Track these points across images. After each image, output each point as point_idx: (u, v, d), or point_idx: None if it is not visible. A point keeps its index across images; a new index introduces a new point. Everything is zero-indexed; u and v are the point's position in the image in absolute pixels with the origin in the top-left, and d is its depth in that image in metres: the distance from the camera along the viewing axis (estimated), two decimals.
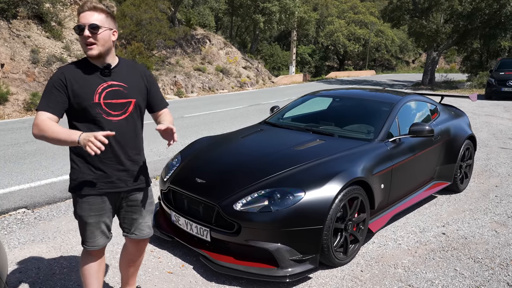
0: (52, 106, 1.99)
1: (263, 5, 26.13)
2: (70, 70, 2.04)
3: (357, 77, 34.97)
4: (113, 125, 2.07)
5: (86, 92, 2.02)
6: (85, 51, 2.02)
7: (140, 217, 2.31)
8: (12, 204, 4.49)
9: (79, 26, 1.97)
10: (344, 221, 3.14)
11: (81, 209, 2.13)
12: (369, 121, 4.15)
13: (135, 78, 2.19)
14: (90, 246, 2.21)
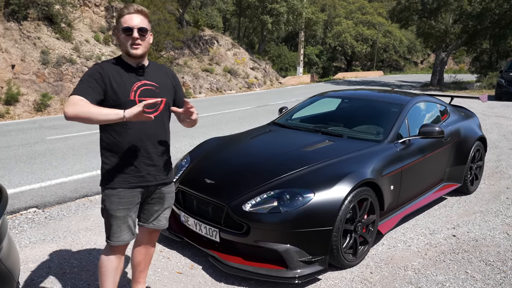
0: (89, 93, 2.01)
1: (271, 6, 26.14)
2: (109, 67, 2.12)
3: (365, 78, 34.82)
4: (146, 122, 2.14)
5: (124, 90, 2.10)
6: (128, 50, 2.11)
7: (161, 209, 2.40)
8: (23, 204, 4.54)
9: (128, 28, 2.07)
10: (354, 223, 3.13)
11: (111, 202, 2.18)
12: (378, 122, 4.13)
13: (164, 79, 2.30)
14: (115, 241, 2.24)
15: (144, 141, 2.19)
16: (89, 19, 17.53)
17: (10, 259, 1.80)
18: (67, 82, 13.99)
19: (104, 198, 2.21)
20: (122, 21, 2.10)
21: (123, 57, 2.19)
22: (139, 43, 2.10)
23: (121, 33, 2.11)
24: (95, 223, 4.01)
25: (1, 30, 13.19)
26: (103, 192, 2.23)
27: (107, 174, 2.18)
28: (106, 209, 2.20)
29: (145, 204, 2.36)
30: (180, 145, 7.45)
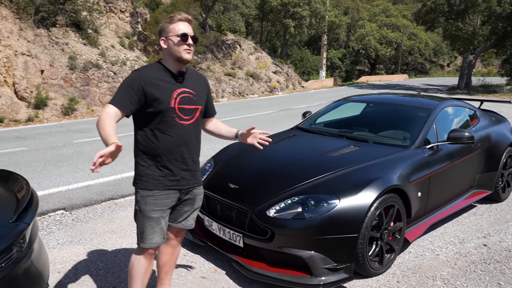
0: (122, 103, 2.08)
1: (293, 10, 26.13)
2: (149, 74, 2.17)
3: (389, 82, 34.30)
4: (183, 129, 2.23)
5: (164, 97, 2.15)
6: (181, 55, 2.18)
7: (191, 209, 2.46)
8: (51, 206, 4.66)
9: (185, 35, 2.15)
10: (380, 230, 3.06)
11: (146, 203, 2.23)
12: (405, 127, 4.04)
13: (200, 87, 2.37)
14: (148, 244, 2.28)
15: (181, 147, 2.25)
16: (114, 25, 17.93)
17: (40, 261, 1.84)
18: (93, 86, 14.33)
19: (139, 200, 2.25)
20: (176, 28, 2.16)
21: (165, 63, 2.24)
22: (192, 49, 2.20)
23: (173, 38, 2.16)
24: (120, 225, 4.07)
25: (31, 36, 13.64)
26: (138, 193, 2.27)
27: (143, 175, 2.23)
28: (141, 210, 2.25)
29: (176, 205, 2.40)
30: (203, 149, 7.45)
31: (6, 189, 2.06)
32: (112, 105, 2.07)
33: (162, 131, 2.18)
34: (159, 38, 2.25)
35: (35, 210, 1.84)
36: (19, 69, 12.61)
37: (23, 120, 11.77)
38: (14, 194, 2.00)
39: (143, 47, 18.53)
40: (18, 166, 6.41)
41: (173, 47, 2.18)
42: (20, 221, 1.67)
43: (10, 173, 2.31)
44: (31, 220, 1.72)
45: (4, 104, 11.88)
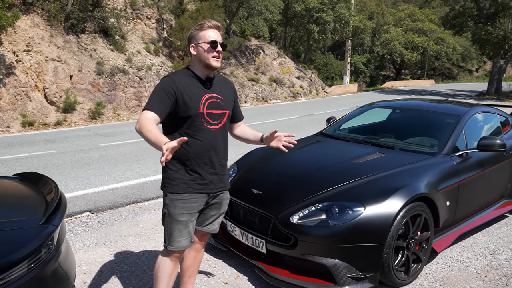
0: (158, 108, 2.12)
1: (317, 15, 26.04)
2: (180, 80, 2.21)
3: (414, 87, 33.66)
4: (212, 133, 2.27)
5: (193, 102, 2.19)
6: (209, 62, 2.21)
7: (217, 213, 2.49)
8: (78, 208, 4.76)
9: (214, 42, 2.19)
10: (406, 239, 2.98)
11: (175, 207, 2.25)
12: (433, 134, 3.93)
13: (227, 92, 2.40)
14: (175, 247, 2.30)
15: (210, 152, 2.28)
16: (141, 31, 18.31)
17: (67, 262, 1.87)
18: (120, 91, 14.64)
19: (168, 203, 2.28)
20: (206, 35, 2.20)
21: (193, 69, 2.28)
22: (220, 56, 2.24)
23: (203, 45, 2.19)
24: (144, 229, 4.11)
25: (61, 42, 14.08)
26: (166, 197, 2.30)
27: (173, 179, 2.26)
28: (170, 213, 2.27)
29: (203, 209, 2.42)
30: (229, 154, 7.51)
31: (35, 191, 2.11)
32: (149, 110, 2.10)
33: (191, 136, 2.21)
34: (189, 45, 2.28)
35: (64, 213, 1.88)
36: (49, 74, 13.03)
37: (52, 123, 12.13)
38: (44, 196, 2.05)
39: (168, 53, 18.84)
40: (47, 169, 6.59)
41: (202, 54, 2.21)
42: (49, 223, 1.71)
43: (39, 176, 2.37)
44: (59, 223, 1.76)
45: (34, 108, 12.29)
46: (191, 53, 2.27)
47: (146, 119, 2.05)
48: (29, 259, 1.55)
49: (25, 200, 2.02)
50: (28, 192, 2.12)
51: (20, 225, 1.66)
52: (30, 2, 13.99)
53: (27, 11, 13.82)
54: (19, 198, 2.05)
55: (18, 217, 1.75)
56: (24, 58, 12.70)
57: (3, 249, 1.49)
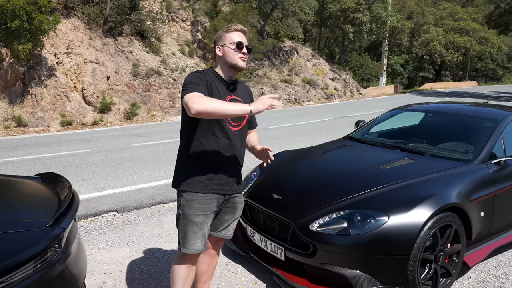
0: (202, 91, 2.07)
1: (353, 15, 25.55)
2: (208, 77, 2.21)
3: (455, 89, 32.33)
4: (232, 134, 2.27)
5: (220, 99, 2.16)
6: (236, 62, 2.23)
7: (231, 218, 2.45)
8: (105, 207, 4.85)
9: (240, 43, 2.22)
10: (434, 252, 2.80)
11: (190, 207, 2.23)
12: (468, 140, 3.70)
13: (246, 96, 2.42)
14: (189, 249, 2.27)
15: (229, 152, 2.28)
16: (176, 33, 18.64)
17: (76, 265, 1.86)
18: (154, 92, 14.95)
19: (183, 203, 2.25)
20: (232, 36, 2.23)
21: (218, 70, 2.29)
22: (246, 58, 2.27)
23: (229, 46, 2.22)
24: (167, 230, 4.12)
25: (100, 45, 14.55)
26: (181, 197, 2.27)
27: (189, 178, 2.24)
28: (185, 214, 2.24)
29: (218, 213, 2.39)
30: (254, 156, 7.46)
31: (51, 192, 2.14)
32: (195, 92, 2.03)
33: (213, 134, 2.21)
34: (215, 47, 2.30)
35: (73, 215, 1.88)
36: (87, 75, 13.49)
37: (89, 123, 12.54)
38: (58, 197, 2.07)
39: (202, 55, 19.06)
40: (80, 167, 6.79)
41: (228, 54, 2.23)
42: (56, 225, 1.71)
43: (57, 176, 2.40)
44: (67, 225, 1.75)
45: (73, 108, 12.75)
46: (216, 55, 2.29)
47: (201, 97, 1.98)
48: (33, 261, 1.55)
49: (38, 201, 2.05)
50: (43, 193, 2.15)
51: (27, 227, 1.67)
52: (71, 7, 14.56)
53: (68, 15, 14.38)
54: (33, 199, 2.08)
55: (26, 219, 1.77)
56: (64, 60, 13.21)
57: (5, 250, 1.49)
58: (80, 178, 6.12)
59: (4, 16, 11.04)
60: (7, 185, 2.15)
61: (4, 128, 11.42)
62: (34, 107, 12.20)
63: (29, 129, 11.58)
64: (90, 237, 3.98)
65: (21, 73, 12.42)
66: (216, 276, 3.19)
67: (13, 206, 1.92)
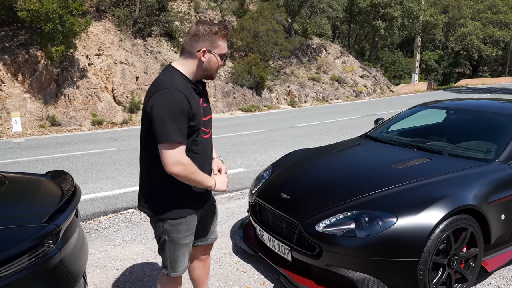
0: (185, 135, 1.86)
1: (383, 10, 24.95)
2: (184, 90, 1.89)
3: (493, 85, 30.92)
4: (207, 143, 2.06)
5: (198, 110, 1.94)
6: (213, 75, 2.00)
7: (214, 218, 2.38)
8: (124, 204, 4.96)
9: (225, 55, 1.99)
10: (448, 255, 2.68)
11: (178, 231, 2.03)
12: (491, 138, 3.52)
13: (206, 94, 2.19)
14: (179, 272, 2.12)
15: (206, 163, 2.10)
16: None
17: (74, 261, 1.90)
18: None
19: (168, 229, 2.02)
20: (222, 45, 1.95)
21: (187, 74, 1.96)
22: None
23: (216, 56, 1.95)
24: None
25: (129, 46, 14.91)
26: (165, 223, 2.02)
27: (175, 204, 2.00)
28: (172, 239, 2.03)
29: (199, 221, 2.22)
30: (276, 155, 7.42)
31: (55, 189, 2.20)
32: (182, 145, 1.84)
33: (194, 151, 1.96)
34: (196, 45, 1.92)
35: (71, 212, 1.92)
36: (117, 76, 13.86)
37: (118, 122, 12.88)
38: (61, 194, 2.12)
39: (230, 53, 19.16)
40: (105, 165, 6.98)
41: (211, 64, 1.95)
42: (51, 222, 1.75)
43: (64, 174, 2.46)
44: (62, 222, 1.79)
45: (104, 108, 13.14)
46: (192, 54, 1.94)
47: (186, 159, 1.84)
48: (27, 255, 1.59)
49: (41, 198, 2.11)
50: (48, 190, 2.21)
51: (22, 223, 1.72)
52: (102, 9, 15.00)
53: (100, 17, 14.83)
54: (35, 196, 2.15)
55: (23, 215, 1.83)
56: (95, 62, 13.63)
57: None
58: (104, 176, 6.29)
59: (38, 20, 11.52)
60: (14, 182, 2.24)
61: (39, 127, 11.92)
62: (67, 107, 12.67)
63: (62, 128, 12.04)
64: (108, 233, 4.08)
65: (55, 74, 12.91)
66: (225, 274, 3.19)
67: (14, 202, 1.99)
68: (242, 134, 10.27)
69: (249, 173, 6.31)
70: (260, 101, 17.07)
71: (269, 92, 17.73)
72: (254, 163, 6.99)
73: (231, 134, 10.34)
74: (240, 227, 3.78)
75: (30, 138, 10.61)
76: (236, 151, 8.11)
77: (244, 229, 3.67)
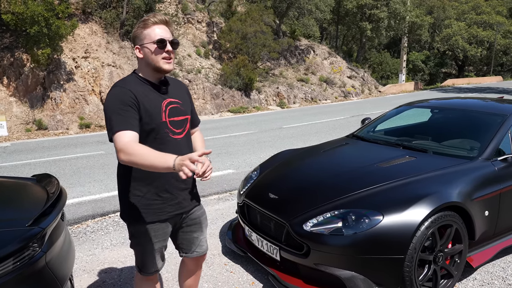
0: (132, 123, 1.80)
1: (370, 12, 25.21)
2: (134, 88, 1.87)
3: (478, 85, 31.43)
4: (177, 144, 1.97)
5: (155, 111, 1.90)
6: (159, 65, 1.89)
7: (200, 234, 2.22)
8: (113, 207, 4.92)
9: (162, 40, 1.86)
10: (433, 252, 2.72)
11: (145, 237, 1.99)
12: (474, 136, 3.58)
13: (183, 94, 2.11)
14: (151, 272, 2.11)
15: None
16: (192, 35, 18.80)
17: (60, 264, 1.89)
18: None
19: (134, 233, 2.01)
20: (151, 33, 1.87)
21: (143, 74, 1.95)
22: (171, 57, 1.92)
23: (149, 46, 1.88)
24: None
25: (117, 48, 14.80)
26: (131, 227, 2.02)
27: (140, 207, 1.95)
28: (139, 243, 2.03)
29: (181, 233, 2.17)
30: (265, 156, 7.44)
31: (40, 193, 2.18)
32: (123, 131, 1.76)
33: (161, 150, 1.80)
34: (134, 47, 1.95)
35: (56, 215, 1.91)
36: (105, 78, 13.75)
37: None
38: (47, 198, 2.10)
39: (218, 55, 19.16)
40: (93, 169, 6.92)
41: (150, 56, 1.89)
42: (36, 225, 1.74)
43: (50, 177, 2.44)
44: (48, 225, 1.78)
45: (91, 111, 13.02)
46: (136, 56, 1.94)
47: (127, 144, 1.72)
48: (12, 259, 1.58)
49: (25, 201, 2.09)
50: (33, 193, 2.19)
51: (6, 226, 1.71)
52: (89, 12, 14.87)
53: (86, 20, 14.70)
54: (20, 199, 2.13)
55: (8, 218, 1.81)
56: (82, 64, 13.51)
57: None
58: (92, 179, 6.24)
59: (24, 23, 11.38)
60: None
61: (26, 131, 11.77)
62: (54, 111, 12.53)
63: (49, 132, 11.90)
64: (96, 236, 4.05)
65: (41, 77, 12.77)
66: (214, 276, 3.19)
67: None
68: (231, 136, 10.27)
69: (238, 174, 6.31)
70: (249, 103, 17.09)
71: (258, 94, 17.76)
72: (243, 164, 6.99)
73: (220, 135, 10.34)
74: (229, 228, 3.78)
75: (16, 142, 10.47)
76: (225, 152, 8.11)
77: (233, 230, 3.67)
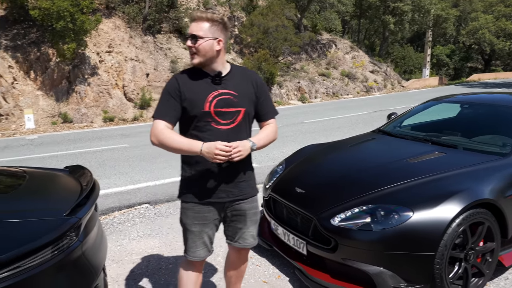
0: (168, 114, 2.02)
1: (393, 5, 24.70)
2: (184, 78, 2.06)
3: (506, 79, 30.49)
4: (221, 134, 2.02)
5: (198, 100, 2.02)
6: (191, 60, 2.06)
7: (244, 226, 2.25)
8: (138, 199, 5.01)
9: (187, 37, 2.03)
10: (465, 250, 2.67)
11: (186, 216, 2.14)
12: (506, 132, 3.48)
13: (246, 86, 2.13)
14: (191, 256, 2.19)
15: None
16: None
17: (95, 253, 1.94)
18: None
19: (181, 211, 2.19)
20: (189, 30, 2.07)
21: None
22: (193, 51, 2.02)
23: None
24: None
25: (139, 43, 14.98)
26: (181, 203, 2.21)
27: (184, 186, 2.16)
28: (182, 222, 2.18)
29: (228, 220, 2.24)
30: (287, 150, 7.42)
31: (74, 184, 2.24)
32: (159, 120, 2.02)
33: (197, 137, 2.01)
34: None
35: (91, 205, 1.95)
36: (128, 73, 13.95)
37: (130, 119, 12.98)
38: (81, 189, 2.16)
39: (239, 50, 19.16)
40: (118, 161, 7.06)
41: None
42: (73, 215, 1.78)
43: (83, 169, 2.50)
44: (84, 215, 1.83)
45: (115, 104, 13.25)
46: None
47: (161, 131, 1.98)
48: (50, 247, 1.63)
49: (61, 192, 2.15)
50: (67, 184, 2.26)
51: (45, 215, 1.76)
52: (112, 7, 15.09)
53: (110, 15, 14.92)
54: (56, 190, 2.20)
55: (46, 208, 1.86)
56: (106, 59, 13.74)
57: (22, 236, 1.58)
58: (117, 172, 6.36)
59: (50, 18, 11.64)
60: (34, 177, 2.28)
61: (52, 124, 12.07)
62: (79, 104, 12.80)
63: (74, 125, 12.17)
64: (123, 228, 4.13)
65: (67, 71, 13.04)
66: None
67: (36, 196, 2.04)
68: (252, 130, 10.25)
69: (261, 169, 6.32)
70: None
71: (279, 88, 17.71)
72: (266, 159, 7.00)
73: None
74: None
75: (43, 135, 10.76)
76: None
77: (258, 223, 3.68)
